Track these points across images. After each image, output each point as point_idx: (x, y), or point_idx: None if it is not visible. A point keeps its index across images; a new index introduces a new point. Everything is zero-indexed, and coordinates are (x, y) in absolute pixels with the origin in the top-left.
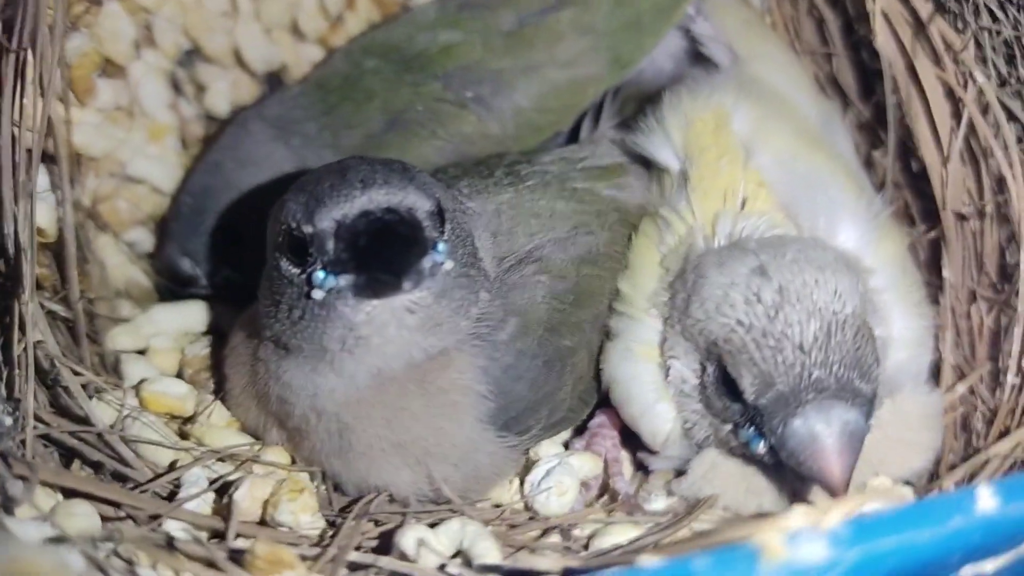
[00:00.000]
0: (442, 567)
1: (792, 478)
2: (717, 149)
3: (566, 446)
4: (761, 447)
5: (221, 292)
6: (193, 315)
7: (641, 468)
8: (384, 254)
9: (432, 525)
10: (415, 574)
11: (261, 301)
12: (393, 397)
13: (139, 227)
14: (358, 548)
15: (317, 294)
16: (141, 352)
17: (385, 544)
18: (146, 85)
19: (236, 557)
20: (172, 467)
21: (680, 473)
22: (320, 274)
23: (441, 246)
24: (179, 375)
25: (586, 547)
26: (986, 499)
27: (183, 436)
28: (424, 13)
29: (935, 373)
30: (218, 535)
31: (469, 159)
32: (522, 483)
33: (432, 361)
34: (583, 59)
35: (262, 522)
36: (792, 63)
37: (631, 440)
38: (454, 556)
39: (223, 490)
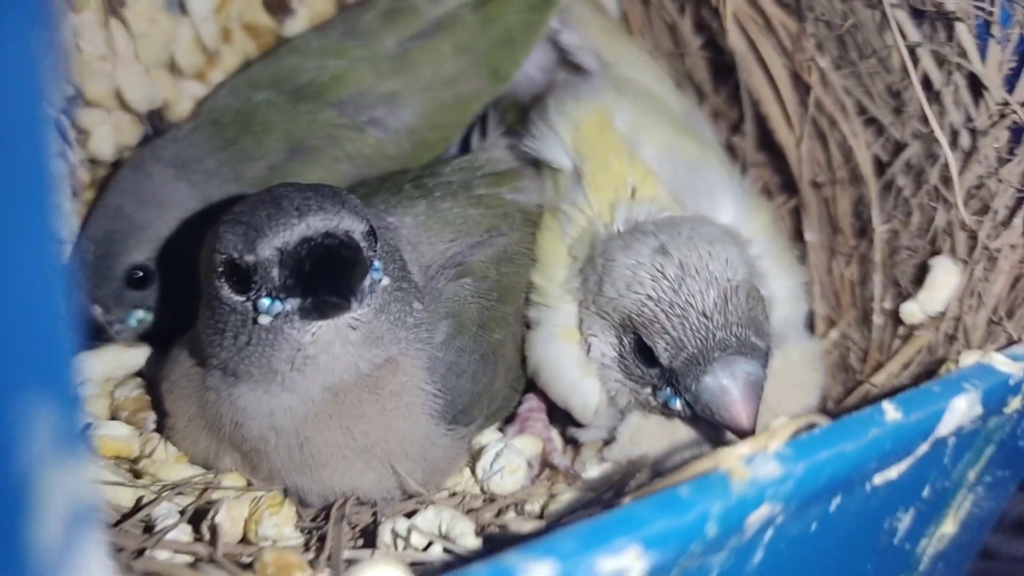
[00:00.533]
0: (426, 549)
1: (707, 427)
2: (605, 146)
3: (501, 432)
4: (678, 404)
5: (134, 335)
6: (112, 360)
7: (570, 442)
8: (329, 277)
9: (408, 516)
10: (408, 560)
11: (203, 331)
12: (349, 406)
13: None
14: (354, 547)
15: (264, 319)
16: None
17: (369, 542)
18: None
19: (247, 567)
20: (138, 506)
21: (608, 442)
22: (265, 301)
23: (377, 263)
24: (113, 419)
25: (540, 517)
26: (892, 412)
27: (136, 476)
28: (306, 44)
29: (810, 324)
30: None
31: (372, 179)
32: (473, 470)
33: (380, 369)
34: (465, 76)
35: (243, 541)
36: (652, 64)
37: (556, 419)
38: (428, 545)
39: (195, 520)
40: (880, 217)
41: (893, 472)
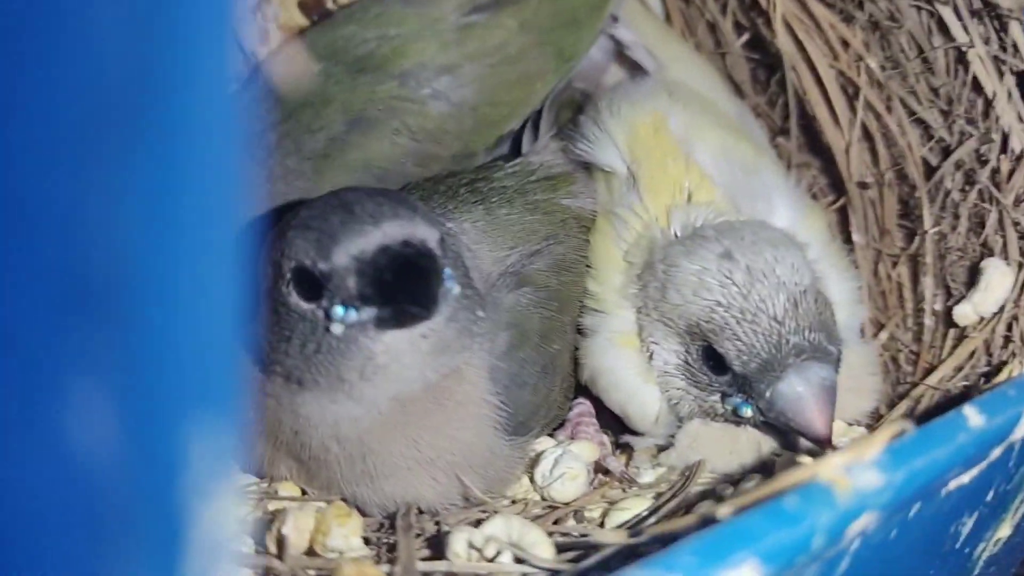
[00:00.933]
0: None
1: (775, 434)
2: (660, 149)
3: (551, 438)
4: (749, 411)
5: None
6: None
7: (621, 447)
8: (408, 287)
9: (474, 525)
10: (485, 572)
11: (265, 337)
12: (415, 417)
13: None
14: (423, 559)
15: (336, 328)
16: None
17: (436, 552)
18: None
19: None
20: None
21: (663, 448)
22: (339, 309)
23: (448, 272)
24: None
25: (601, 525)
26: (974, 417)
27: None
28: (363, 10)
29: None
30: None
31: (429, 160)
32: (532, 478)
33: (446, 379)
34: (530, 54)
35: (310, 552)
36: (705, 65)
37: (606, 422)
38: (497, 554)
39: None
40: (930, 219)
41: (966, 477)
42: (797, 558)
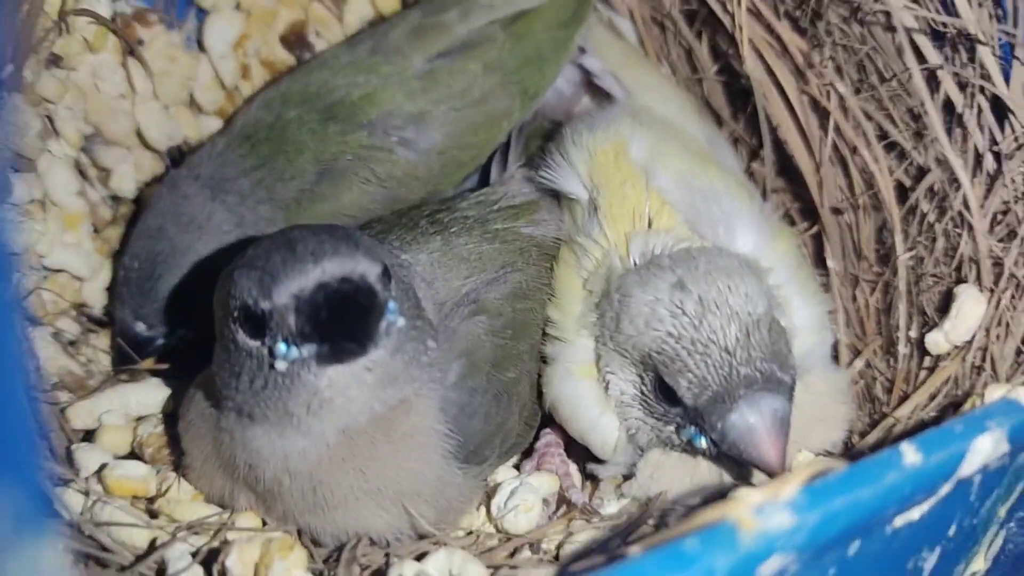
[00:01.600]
0: None
1: (731, 465)
2: (620, 176)
3: (517, 468)
4: (703, 443)
5: (177, 351)
6: (139, 395)
7: (589, 477)
8: (344, 322)
9: (418, 559)
10: None
11: (219, 374)
12: (363, 449)
13: (64, 317)
14: None
15: (280, 365)
16: (89, 434)
17: None
18: (54, 175)
19: None
20: (152, 547)
21: (628, 477)
22: (282, 347)
23: (392, 305)
24: (136, 455)
25: (556, 558)
26: (911, 454)
27: (152, 515)
28: (335, 58)
29: (834, 353)
30: None
31: (398, 204)
32: (488, 509)
33: (394, 410)
34: (495, 95)
35: None
36: (674, 90)
37: (575, 452)
38: None
39: (207, 562)
40: (903, 244)
41: (915, 513)
42: None
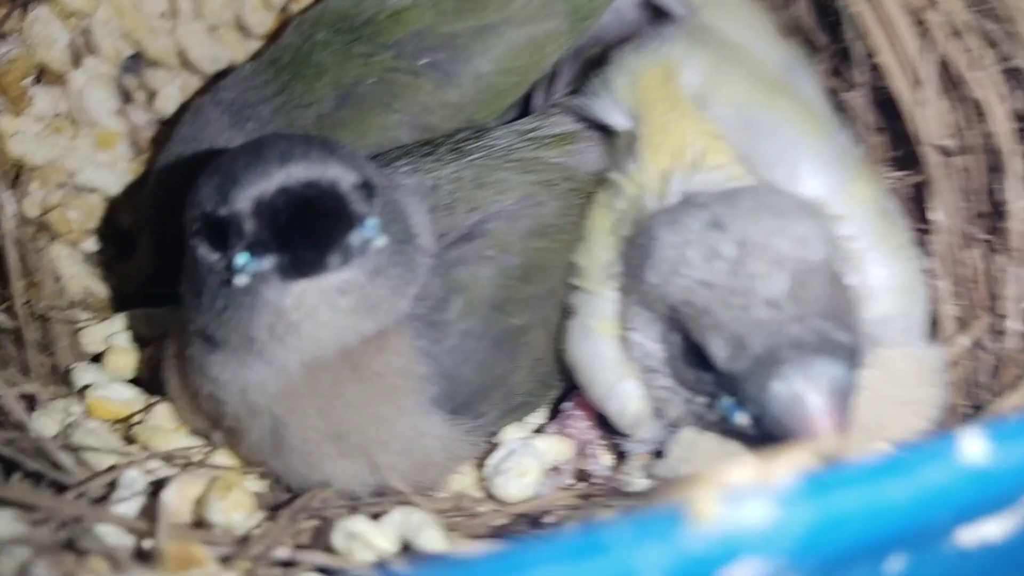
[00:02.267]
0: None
1: None
2: (666, 103)
3: (540, 431)
4: (742, 419)
5: None
6: (155, 321)
7: (620, 453)
8: (306, 230)
9: (375, 516)
10: (346, 568)
11: (184, 294)
12: (326, 386)
13: (94, 236)
14: (298, 546)
15: (240, 280)
16: (97, 357)
17: (323, 540)
18: (90, 92)
19: (144, 555)
20: (109, 470)
21: (659, 454)
22: (241, 258)
23: (371, 221)
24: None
25: None
26: (972, 445)
27: (129, 441)
28: None
29: (933, 326)
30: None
31: (427, 133)
32: (481, 471)
33: (367, 344)
34: (540, 14)
35: (198, 524)
36: (748, 8)
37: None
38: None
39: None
40: (1019, 192)
41: (991, 529)
42: None
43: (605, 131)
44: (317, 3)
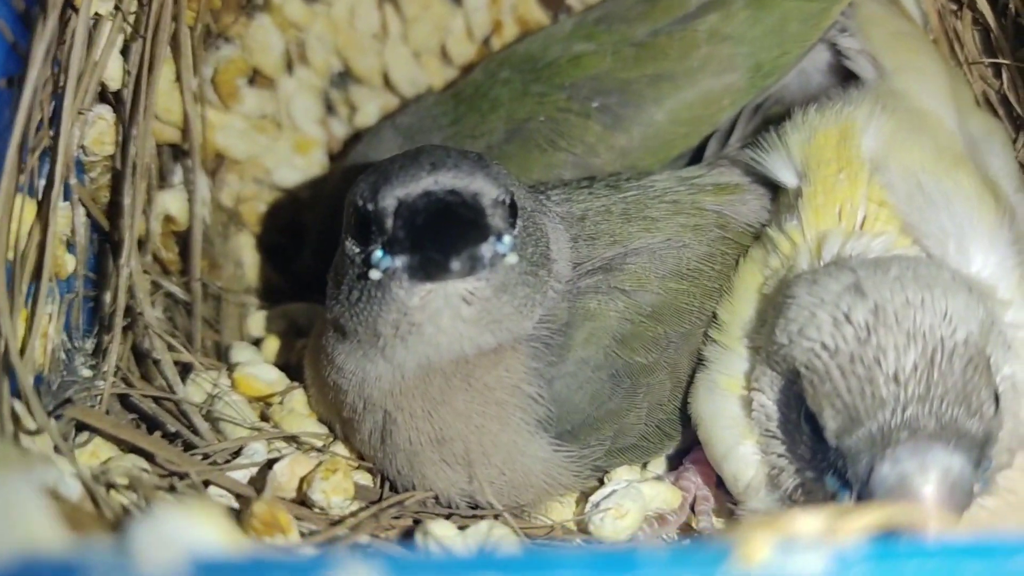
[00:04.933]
0: None
1: None
2: (837, 163)
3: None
4: (848, 499)
5: None
6: (315, 315)
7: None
8: (440, 235)
9: (463, 528)
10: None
11: (328, 283)
12: (436, 390)
13: (277, 232)
14: (377, 536)
15: (374, 274)
16: (258, 341)
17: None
18: (298, 100)
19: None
20: (237, 440)
21: None
22: (378, 253)
23: (507, 238)
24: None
25: None
26: None
27: (264, 419)
28: (561, 26)
29: None
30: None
31: (591, 173)
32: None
33: (483, 357)
34: (719, 68)
35: (301, 503)
36: (943, 76)
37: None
38: None
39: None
40: None
41: None
42: None
43: (771, 187)
44: (510, 44)
